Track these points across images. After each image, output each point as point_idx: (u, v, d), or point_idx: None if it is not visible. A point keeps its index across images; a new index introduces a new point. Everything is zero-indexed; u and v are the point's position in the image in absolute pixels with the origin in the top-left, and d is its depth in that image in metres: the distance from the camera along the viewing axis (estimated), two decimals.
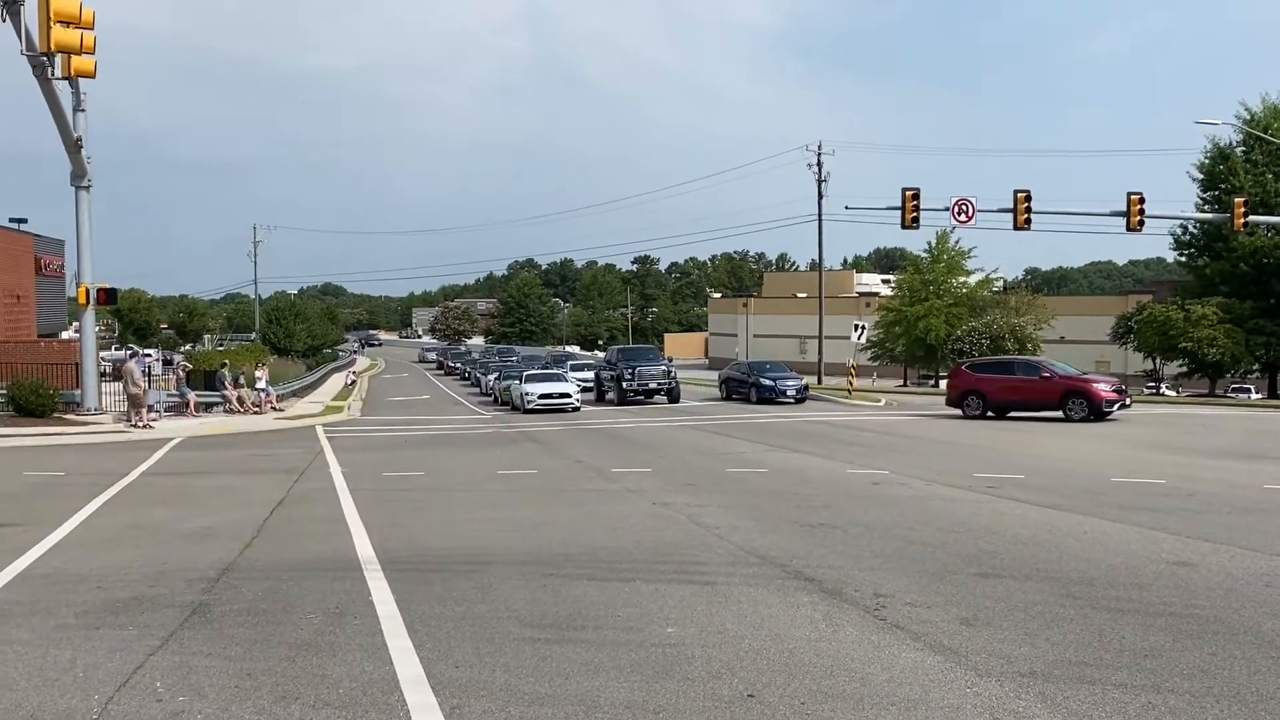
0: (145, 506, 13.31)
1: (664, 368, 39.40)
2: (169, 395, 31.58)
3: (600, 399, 41.03)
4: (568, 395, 35.05)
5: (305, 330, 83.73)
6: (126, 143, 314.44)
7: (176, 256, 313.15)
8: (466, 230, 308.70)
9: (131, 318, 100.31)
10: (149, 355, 39.35)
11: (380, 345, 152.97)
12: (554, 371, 41.32)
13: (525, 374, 38.68)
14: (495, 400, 42.98)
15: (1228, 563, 8.75)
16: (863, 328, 45.42)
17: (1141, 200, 34.63)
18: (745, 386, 39.33)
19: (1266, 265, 42.79)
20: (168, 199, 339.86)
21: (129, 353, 45.53)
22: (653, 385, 38.35)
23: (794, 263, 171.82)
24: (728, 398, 40.53)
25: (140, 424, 26.41)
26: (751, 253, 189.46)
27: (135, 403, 26.78)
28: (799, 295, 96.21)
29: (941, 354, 53.88)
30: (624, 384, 38.25)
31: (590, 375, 44.51)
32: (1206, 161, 45.75)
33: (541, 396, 34.75)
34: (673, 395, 38.48)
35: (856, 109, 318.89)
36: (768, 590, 7.95)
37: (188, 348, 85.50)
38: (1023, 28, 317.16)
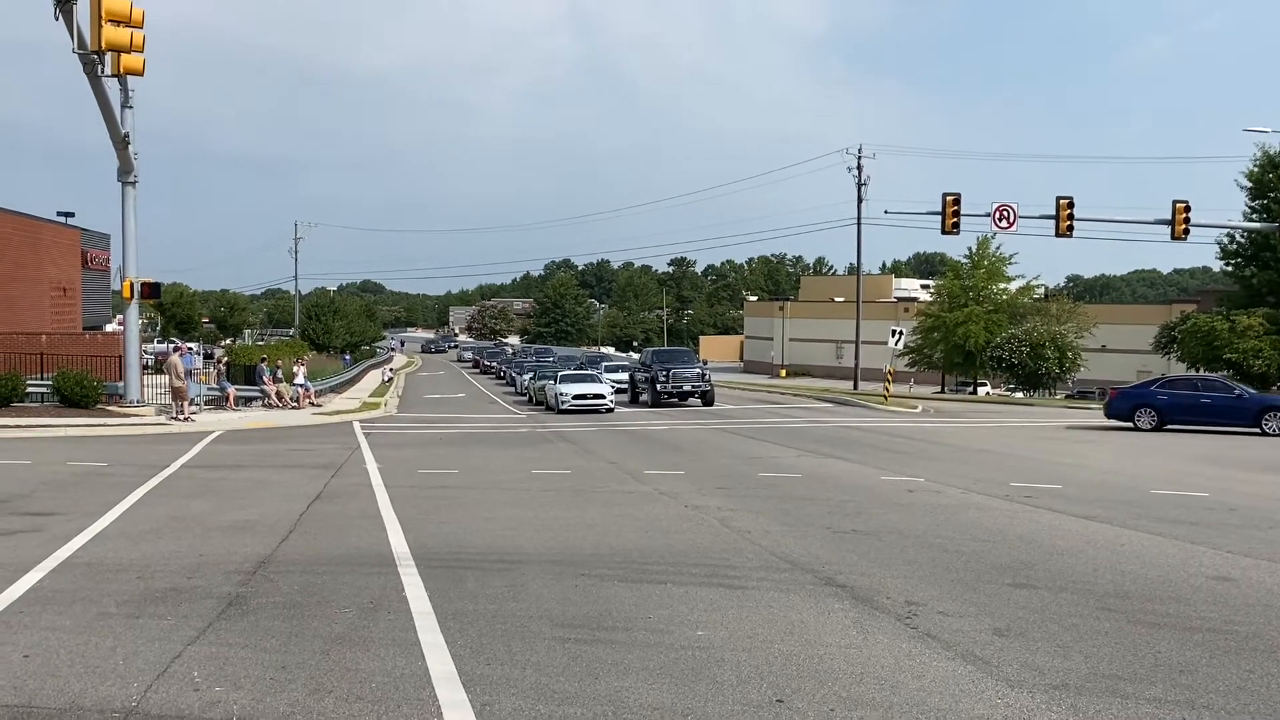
0: (185, 499, 13.53)
1: (699, 370, 39.29)
2: (209, 389, 32.03)
3: (634, 400, 41.05)
4: (602, 396, 35.14)
5: (344, 327, 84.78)
6: (172, 138, 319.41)
7: (219, 251, 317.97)
8: (505, 230, 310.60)
9: (174, 311, 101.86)
10: (191, 348, 39.89)
11: (457, 347, 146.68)
12: (589, 372, 41.35)
13: (560, 374, 38.80)
14: (530, 400, 43.15)
15: (1269, 579, 8.60)
16: (901, 333, 45.08)
17: (1187, 208, 34.18)
18: (1193, 407, 26.65)
19: None
20: (212, 194, 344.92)
21: (172, 346, 46.24)
22: (687, 388, 38.30)
23: (832, 266, 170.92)
24: (1134, 427, 26.91)
25: (181, 416, 26.82)
26: (789, 256, 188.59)
27: (178, 395, 27.22)
28: (836, 299, 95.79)
29: (980, 361, 53.43)
30: (658, 386, 38.24)
31: (625, 377, 44.52)
32: (1255, 170, 44.97)
33: (576, 397, 34.87)
34: (707, 398, 38.43)
35: (898, 113, 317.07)
36: (798, 595, 7.94)
37: (228, 342, 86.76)
38: (1068, 32, 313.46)
